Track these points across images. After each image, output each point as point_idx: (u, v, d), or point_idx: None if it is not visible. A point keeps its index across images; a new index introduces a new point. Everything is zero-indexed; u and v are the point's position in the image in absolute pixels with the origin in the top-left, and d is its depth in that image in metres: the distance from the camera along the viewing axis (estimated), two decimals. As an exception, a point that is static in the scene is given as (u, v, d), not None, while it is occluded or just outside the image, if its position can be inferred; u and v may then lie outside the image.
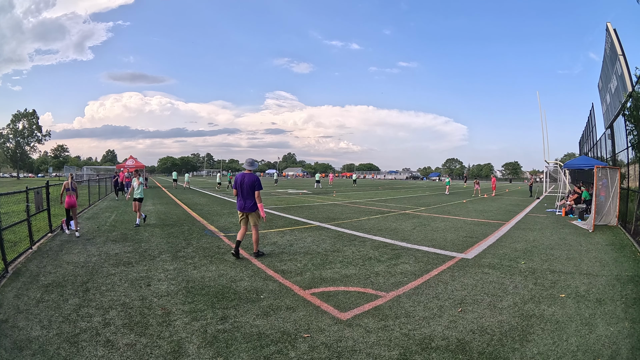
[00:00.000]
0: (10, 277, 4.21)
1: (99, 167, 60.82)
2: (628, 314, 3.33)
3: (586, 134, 23.03)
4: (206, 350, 2.59)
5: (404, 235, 7.36)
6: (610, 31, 10.78)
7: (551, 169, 25.74)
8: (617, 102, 10.19)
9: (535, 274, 4.64)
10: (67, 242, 6.27)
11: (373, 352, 2.59)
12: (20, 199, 5.89)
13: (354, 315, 3.24)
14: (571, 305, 3.55)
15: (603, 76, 14.23)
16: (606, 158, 13.26)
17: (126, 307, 3.34)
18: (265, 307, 3.40)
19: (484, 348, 2.67)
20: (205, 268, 4.73)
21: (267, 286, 4.02)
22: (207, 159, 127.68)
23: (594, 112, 18.89)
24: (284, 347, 2.65)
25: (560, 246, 6.50)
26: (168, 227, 8.03)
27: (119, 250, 5.71)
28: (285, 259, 5.29)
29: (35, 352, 2.51)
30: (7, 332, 2.80)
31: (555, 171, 23.92)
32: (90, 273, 4.41)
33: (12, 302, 3.44)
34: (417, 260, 5.26)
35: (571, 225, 9.29)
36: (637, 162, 8.69)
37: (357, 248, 6.09)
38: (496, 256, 5.62)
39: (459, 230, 8.23)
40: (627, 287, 4.10)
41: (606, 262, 5.30)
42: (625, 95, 9.17)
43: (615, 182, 8.60)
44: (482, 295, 3.82)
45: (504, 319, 3.20)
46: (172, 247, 6.01)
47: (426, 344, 2.72)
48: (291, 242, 6.49)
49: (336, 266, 4.90)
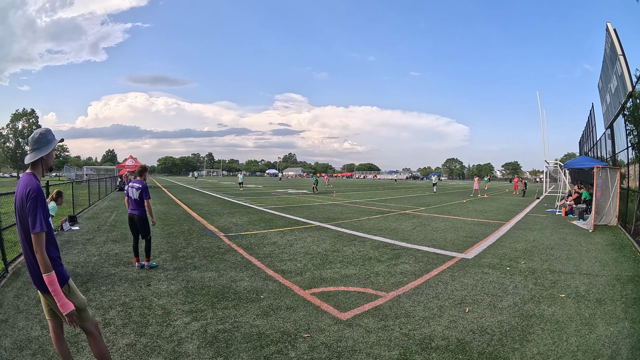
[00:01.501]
0: (10, 277, 4.21)
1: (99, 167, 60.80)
2: (628, 314, 3.33)
3: (586, 134, 23.01)
4: (206, 350, 2.59)
5: (404, 235, 7.36)
6: (610, 31, 10.77)
7: (551, 169, 25.74)
8: (617, 102, 10.18)
9: (535, 274, 4.64)
10: (67, 242, 6.27)
11: (373, 352, 2.59)
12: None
13: (354, 315, 3.24)
14: (571, 305, 3.55)
15: (603, 76, 14.22)
16: (606, 158, 13.26)
17: (126, 307, 3.34)
18: (265, 307, 3.40)
19: (484, 348, 2.67)
20: (205, 268, 4.73)
21: (267, 286, 4.02)
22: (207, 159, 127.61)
23: (594, 112, 18.87)
24: (284, 347, 2.65)
25: (560, 246, 6.50)
26: (168, 227, 8.02)
27: (119, 250, 5.71)
28: (285, 259, 5.29)
29: (35, 352, 2.51)
30: (7, 332, 2.81)
31: (555, 171, 23.90)
32: (90, 273, 4.41)
33: (12, 302, 3.44)
34: (417, 260, 5.26)
35: (571, 225, 9.29)
36: (637, 162, 8.70)
37: (357, 248, 6.09)
38: (496, 256, 5.61)
39: (459, 230, 8.23)
40: (627, 287, 4.10)
41: (606, 262, 5.30)
42: (625, 96, 9.17)
43: (615, 182, 8.60)
44: (482, 295, 3.82)
45: (504, 319, 3.20)
46: (172, 247, 6.00)
47: (426, 344, 2.72)
48: (291, 242, 6.49)
49: (336, 266, 4.90)
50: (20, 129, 60.53)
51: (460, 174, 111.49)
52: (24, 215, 1.84)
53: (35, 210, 1.81)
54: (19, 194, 1.89)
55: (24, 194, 1.86)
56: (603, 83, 14.38)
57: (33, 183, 1.88)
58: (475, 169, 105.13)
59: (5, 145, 60.50)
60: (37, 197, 1.83)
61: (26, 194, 1.84)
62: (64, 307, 1.83)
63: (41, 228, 1.79)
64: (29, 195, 1.83)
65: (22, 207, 1.86)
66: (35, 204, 1.81)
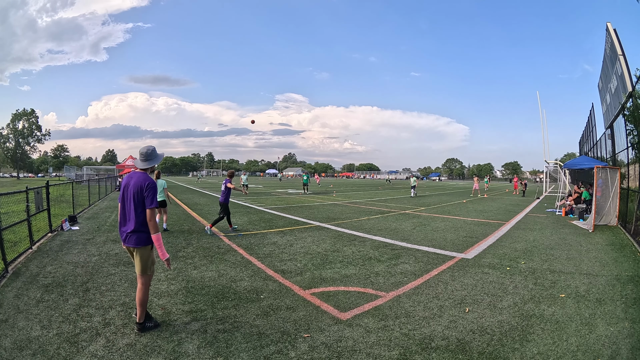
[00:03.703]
0: (10, 277, 4.21)
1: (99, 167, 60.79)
2: (628, 314, 3.33)
3: (586, 134, 23.02)
4: (206, 350, 2.59)
5: (404, 235, 7.36)
6: (610, 31, 10.77)
7: (551, 169, 25.75)
8: (617, 102, 10.18)
9: (535, 274, 4.64)
10: (67, 242, 6.27)
11: (373, 352, 2.59)
12: (20, 199, 5.89)
13: (354, 315, 3.24)
14: (571, 305, 3.55)
15: (603, 76, 14.22)
16: (606, 158, 13.26)
17: (126, 307, 3.34)
18: (265, 307, 3.40)
19: (484, 348, 2.67)
20: (205, 268, 4.73)
21: (267, 286, 4.02)
22: (207, 159, 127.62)
23: (594, 112, 18.88)
24: (284, 347, 2.65)
25: (560, 246, 6.50)
26: (168, 227, 8.02)
27: (119, 250, 5.71)
28: (285, 259, 5.29)
29: (35, 352, 2.51)
30: (7, 332, 2.80)
31: (555, 171, 23.91)
32: (90, 273, 4.41)
33: (12, 302, 3.44)
34: (417, 260, 5.26)
35: (571, 225, 9.29)
36: (637, 162, 8.70)
37: (357, 248, 6.09)
38: (496, 256, 5.61)
39: (459, 230, 8.23)
40: (627, 287, 4.10)
41: (606, 262, 5.30)
42: (625, 96, 9.17)
43: (615, 182, 8.59)
44: (482, 295, 3.82)
45: (504, 319, 3.20)
46: (172, 247, 6.00)
47: (426, 344, 2.72)
48: (291, 242, 6.49)
49: (336, 266, 4.90)
50: (21, 129, 60.51)
51: (460, 174, 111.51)
52: (142, 197, 2.90)
53: (152, 195, 2.89)
54: (137, 184, 2.92)
55: (143, 184, 2.92)
56: (603, 83, 14.38)
57: (149, 179, 2.99)
58: (475, 169, 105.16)
59: (5, 145, 60.46)
60: (154, 187, 2.94)
61: (145, 184, 2.91)
62: (164, 255, 2.88)
63: (155, 205, 2.88)
64: (148, 186, 2.91)
65: (141, 192, 2.90)
66: (152, 191, 2.91)
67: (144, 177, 2.97)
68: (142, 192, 2.90)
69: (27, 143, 61.68)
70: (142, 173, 3.03)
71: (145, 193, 2.89)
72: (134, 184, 2.93)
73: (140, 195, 2.90)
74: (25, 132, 60.85)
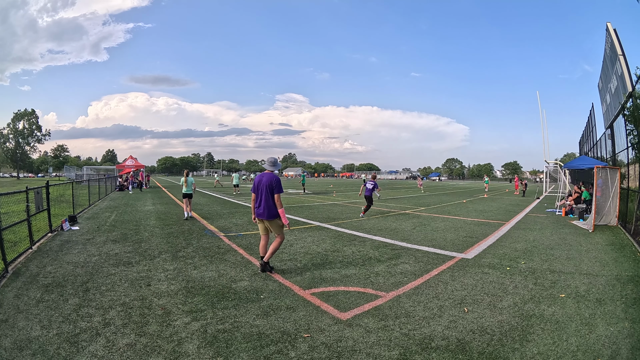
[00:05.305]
0: (10, 277, 4.21)
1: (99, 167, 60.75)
2: (628, 314, 3.33)
3: (586, 134, 23.04)
4: (206, 350, 2.59)
5: (404, 235, 7.36)
6: (610, 31, 10.77)
7: (551, 169, 25.74)
8: (617, 102, 10.18)
9: (535, 274, 4.64)
10: (67, 242, 6.27)
11: (373, 352, 2.59)
12: (20, 199, 5.89)
13: (354, 315, 3.24)
14: (571, 305, 3.55)
15: (603, 76, 14.22)
16: (606, 158, 13.26)
17: (126, 307, 3.34)
18: (265, 307, 3.40)
19: (484, 348, 2.67)
20: (205, 268, 4.73)
21: (267, 286, 4.02)
22: (207, 159, 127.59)
23: (594, 112, 18.89)
24: (284, 347, 2.65)
25: (560, 246, 6.50)
26: (168, 227, 8.03)
27: (119, 250, 5.71)
28: (285, 259, 5.29)
29: (35, 352, 2.51)
30: (7, 332, 2.80)
31: (555, 171, 23.91)
32: (90, 273, 4.41)
33: (12, 302, 3.44)
34: (417, 260, 5.26)
35: (571, 225, 9.29)
36: (637, 162, 8.70)
37: (357, 248, 6.09)
38: (496, 256, 5.61)
39: (459, 230, 8.23)
40: (627, 287, 4.10)
41: (606, 262, 5.29)
42: (625, 96, 9.17)
43: (615, 182, 8.59)
44: (482, 295, 3.82)
45: (504, 319, 3.20)
46: (172, 247, 6.00)
47: (426, 344, 2.72)
48: (291, 242, 6.49)
49: (336, 266, 4.90)
50: (21, 129, 60.50)
51: (460, 174, 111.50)
52: (272, 187, 4.45)
53: (279, 185, 4.50)
54: (269, 179, 4.50)
55: (272, 180, 4.49)
56: (603, 83, 14.38)
57: (276, 177, 4.56)
58: (475, 169, 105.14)
59: (5, 145, 60.45)
60: (279, 181, 4.52)
61: (275, 180, 4.49)
62: (285, 221, 4.51)
63: (281, 192, 4.49)
64: (275, 181, 4.48)
65: (271, 184, 4.46)
66: (279, 183, 4.51)
67: (272, 175, 4.55)
68: (271, 184, 4.45)
69: (27, 143, 61.69)
70: (270, 173, 4.59)
71: (274, 185, 4.44)
72: (266, 180, 4.48)
73: (271, 187, 4.44)
74: (26, 132, 60.86)
